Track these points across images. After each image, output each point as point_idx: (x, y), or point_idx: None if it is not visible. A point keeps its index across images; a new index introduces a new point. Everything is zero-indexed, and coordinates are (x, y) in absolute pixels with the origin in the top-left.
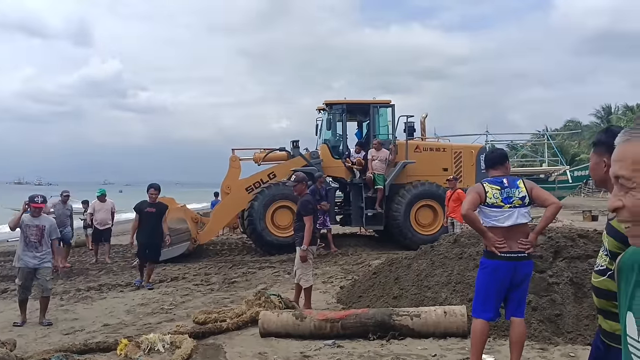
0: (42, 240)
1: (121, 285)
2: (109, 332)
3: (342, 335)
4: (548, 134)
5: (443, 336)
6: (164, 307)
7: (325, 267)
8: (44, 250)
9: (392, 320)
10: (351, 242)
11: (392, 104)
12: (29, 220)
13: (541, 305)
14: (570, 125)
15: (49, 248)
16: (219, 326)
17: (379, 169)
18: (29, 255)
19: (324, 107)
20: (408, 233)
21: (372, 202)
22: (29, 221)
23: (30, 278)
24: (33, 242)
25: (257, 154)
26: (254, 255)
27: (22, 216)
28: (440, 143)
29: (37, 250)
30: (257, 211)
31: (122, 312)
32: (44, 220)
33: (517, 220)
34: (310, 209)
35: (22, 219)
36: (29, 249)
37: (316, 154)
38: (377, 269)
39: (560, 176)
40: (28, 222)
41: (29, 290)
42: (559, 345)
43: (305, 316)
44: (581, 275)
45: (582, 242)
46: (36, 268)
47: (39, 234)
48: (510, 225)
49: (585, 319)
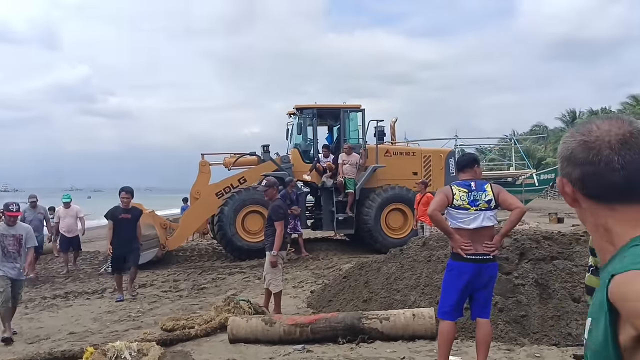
0: (21, 250)
1: (88, 293)
2: (74, 340)
3: (312, 340)
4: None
5: (412, 338)
6: (131, 315)
7: (295, 272)
8: (23, 260)
9: (361, 323)
10: (322, 246)
11: (363, 108)
12: (5, 229)
13: (507, 306)
14: (536, 129)
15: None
16: (187, 333)
17: (349, 173)
18: (7, 266)
19: (295, 111)
20: (379, 237)
21: (343, 206)
22: (4, 230)
23: (9, 288)
24: (11, 252)
25: (227, 159)
26: (224, 261)
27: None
28: (410, 147)
29: (17, 260)
30: (228, 216)
31: (88, 320)
32: (21, 228)
33: (482, 223)
34: (281, 214)
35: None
36: (7, 259)
37: (287, 158)
38: (348, 273)
39: (527, 179)
40: (4, 232)
41: (9, 301)
42: (525, 346)
43: (274, 321)
44: (546, 277)
45: (547, 244)
46: (14, 280)
47: (17, 244)
48: (476, 227)
49: (550, 319)
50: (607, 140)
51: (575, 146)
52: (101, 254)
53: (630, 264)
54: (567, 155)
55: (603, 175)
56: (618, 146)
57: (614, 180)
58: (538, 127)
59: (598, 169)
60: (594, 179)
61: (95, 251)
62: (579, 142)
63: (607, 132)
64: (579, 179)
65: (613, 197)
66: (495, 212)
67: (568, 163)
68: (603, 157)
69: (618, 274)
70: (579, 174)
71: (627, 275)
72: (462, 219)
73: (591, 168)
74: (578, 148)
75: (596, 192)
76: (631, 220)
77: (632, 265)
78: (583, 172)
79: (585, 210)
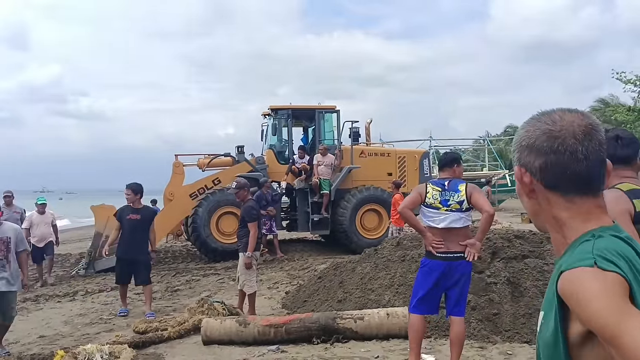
0: (9, 256)
1: (59, 296)
2: (45, 343)
3: (287, 340)
4: (488, 140)
5: (386, 338)
6: (103, 317)
7: (270, 273)
8: (12, 268)
9: (336, 323)
10: (297, 247)
11: (338, 109)
12: None
13: (480, 304)
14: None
15: (17, 264)
16: (159, 335)
17: (324, 174)
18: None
19: (270, 112)
20: (354, 237)
21: (318, 207)
22: None
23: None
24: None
25: (201, 160)
26: (198, 263)
27: None
28: (385, 148)
29: (5, 268)
30: (202, 218)
31: (59, 323)
32: (8, 230)
33: (450, 224)
34: (254, 215)
35: None
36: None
37: (262, 159)
38: (322, 274)
39: (500, 180)
40: None
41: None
42: (497, 344)
43: (248, 322)
44: (518, 275)
45: (519, 242)
46: (3, 292)
47: (3, 249)
48: (445, 227)
49: (522, 317)
50: (571, 130)
51: (539, 134)
52: (73, 257)
53: (578, 260)
54: (529, 144)
55: (567, 165)
56: (582, 137)
57: (577, 171)
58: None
59: (562, 158)
60: (557, 168)
61: (67, 253)
62: (544, 130)
63: (571, 122)
64: (541, 168)
65: (572, 189)
66: (467, 214)
67: (530, 152)
68: (568, 146)
69: (567, 270)
70: (541, 163)
71: (575, 272)
72: (432, 217)
73: (555, 157)
74: (542, 136)
75: (557, 183)
76: (584, 213)
77: (579, 261)
78: (546, 161)
79: (540, 202)
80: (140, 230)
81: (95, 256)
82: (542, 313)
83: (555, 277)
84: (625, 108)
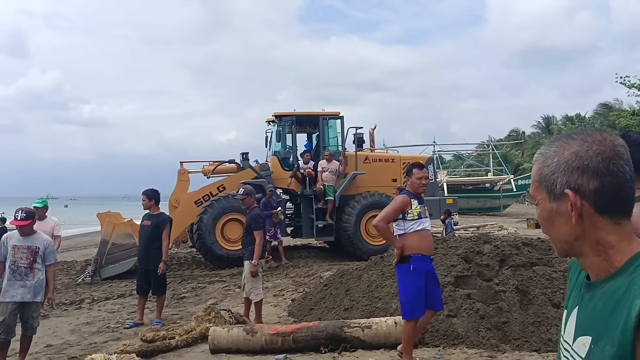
0: (35, 266)
1: (65, 304)
2: (52, 353)
3: (294, 349)
4: (493, 144)
5: (394, 347)
6: (110, 326)
7: (276, 280)
8: (37, 278)
9: (343, 332)
10: (302, 253)
11: (341, 115)
12: (19, 240)
13: (488, 313)
14: (513, 135)
15: (43, 276)
16: (167, 344)
17: (329, 180)
18: (16, 285)
19: (274, 118)
20: (358, 244)
21: (323, 213)
22: (18, 242)
23: (15, 314)
24: (22, 267)
25: (206, 167)
26: (203, 270)
27: (5, 236)
28: (389, 154)
29: (28, 277)
30: (207, 224)
31: (66, 332)
32: (38, 239)
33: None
34: (261, 223)
35: (4, 240)
36: (16, 277)
37: (266, 165)
38: (328, 281)
39: (505, 185)
40: (17, 243)
41: (12, 330)
42: (507, 353)
43: (256, 331)
44: (526, 283)
45: (527, 250)
46: (24, 302)
47: (30, 257)
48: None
49: (531, 325)
50: (617, 151)
51: (592, 155)
52: (78, 264)
53: None
54: (582, 165)
55: (621, 186)
56: (626, 157)
57: (627, 192)
58: (515, 133)
59: (617, 180)
60: (612, 190)
61: (73, 261)
62: (597, 152)
63: (613, 142)
64: (597, 190)
65: (622, 211)
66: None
67: (582, 173)
68: (620, 167)
69: None
70: (597, 186)
71: None
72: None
73: (611, 180)
74: (597, 157)
75: (610, 205)
76: (628, 234)
77: None
78: (602, 183)
79: (585, 227)
80: (151, 237)
81: (101, 263)
82: (587, 338)
83: (628, 301)
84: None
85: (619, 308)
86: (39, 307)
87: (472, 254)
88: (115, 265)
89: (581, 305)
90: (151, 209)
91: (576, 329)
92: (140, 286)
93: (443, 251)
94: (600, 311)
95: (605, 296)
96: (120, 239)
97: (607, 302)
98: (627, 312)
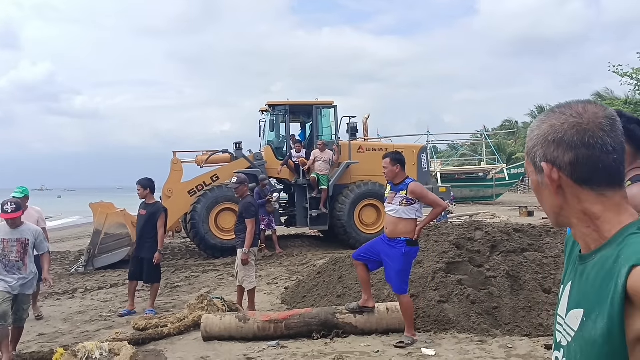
0: (26, 258)
1: (58, 294)
2: (44, 341)
3: (287, 336)
4: (486, 134)
5: (386, 332)
6: (103, 315)
7: (270, 269)
8: (29, 271)
9: (335, 318)
10: (296, 242)
11: (335, 105)
12: (7, 233)
13: (479, 298)
14: (507, 124)
15: (35, 270)
16: (159, 332)
17: (323, 169)
18: (9, 278)
19: (267, 108)
20: (352, 232)
21: (317, 202)
22: (6, 235)
23: (9, 300)
24: (14, 261)
25: (199, 157)
26: (197, 259)
27: None
28: (383, 143)
29: (20, 271)
30: (200, 214)
31: (58, 321)
32: (27, 231)
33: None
34: (253, 211)
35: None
36: (9, 271)
37: (260, 155)
38: (322, 269)
39: (498, 174)
40: (5, 237)
41: (6, 319)
42: (497, 337)
43: (248, 318)
44: (517, 269)
45: (518, 236)
46: (16, 294)
47: (21, 250)
48: None
49: (521, 310)
50: (597, 122)
51: (567, 128)
52: (72, 254)
53: None
54: (557, 138)
55: (598, 158)
56: (609, 128)
57: (607, 164)
58: (508, 123)
59: (594, 152)
60: (588, 162)
61: (66, 251)
62: (572, 124)
63: (595, 114)
64: (572, 162)
65: (604, 182)
66: None
67: (558, 146)
68: (598, 139)
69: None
70: (571, 158)
71: None
72: None
73: (586, 151)
74: (571, 130)
75: (588, 177)
76: (616, 205)
77: None
78: (577, 155)
79: (567, 198)
80: (145, 226)
81: (94, 253)
82: (578, 311)
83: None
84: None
85: (608, 279)
86: (30, 299)
87: (463, 240)
88: (108, 255)
89: (574, 279)
90: (147, 198)
91: (569, 302)
92: (132, 272)
93: (435, 238)
94: (592, 283)
95: (595, 267)
96: (113, 229)
97: (597, 273)
98: (614, 283)
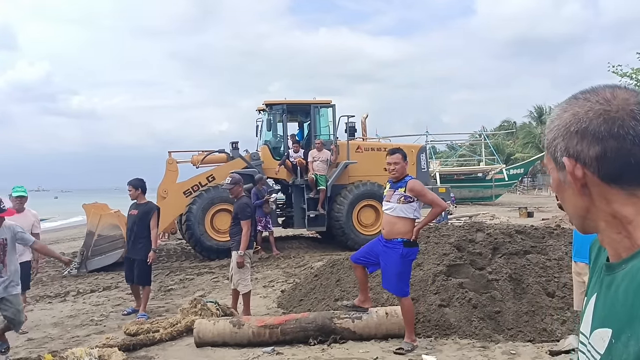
0: (6, 260)
1: (50, 297)
2: (33, 347)
3: (282, 342)
4: (485, 134)
5: (385, 338)
6: (94, 319)
7: (266, 271)
8: (10, 271)
9: (333, 323)
10: (293, 244)
11: (333, 104)
12: None
13: (481, 302)
14: (505, 125)
15: (16, 267)
16: (151, 337)
17: (320, 169)
18: None
19: (264, 107)
20: (350, 233)
21: (315, 203)
22: None
23: None
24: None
25: (195, 157)
26: (192, 261)
27: None
28: (381, 143)
29: (1, 274)
30: (196, 215)
31: (48, 325)
32: (4, 230)
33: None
34: (248, 213)
35: None
36: None
37: (257, 155)
38: (319, 271)
39: (497, 174)
40: None
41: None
42: (500, 343)
43: (243, 323)
44: (520, 271)
45: (520, 238)
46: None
47: (0, 253)
48: None
49: (524, 315)
50: (629, 110)
51: (592, 117)
52: (66, 256)
53: None
54: (580, 129)
55: (629, 151)
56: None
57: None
58: (507, 123)
59: (624, 144)
60: (618, 156)
61: (60, 252)
62: (598, 112)
63: (626, 100)
64: (598, 157)
65: (636, 180)
66: None
67: (582, 138)
68: (630, 129)
69: None
70: (597, 152)
71: None
72: None
73: (615, 143)
74: (597, 119)
75: (618, 173)
76: None
77: None
78: (605, 148)
79: (593, 198)
80: (136, 226)
81: (87, 255)
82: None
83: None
84: None
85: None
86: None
87: (464, 242)
88: (101, 257)
89: (600, 291)
90: (138, 199)
91: (593, 319)
92: (128, 275)
93: (435, 240)
94: (622, 297)
95: (626, 279)
96: (106, 231)
97: (628, 286)
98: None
